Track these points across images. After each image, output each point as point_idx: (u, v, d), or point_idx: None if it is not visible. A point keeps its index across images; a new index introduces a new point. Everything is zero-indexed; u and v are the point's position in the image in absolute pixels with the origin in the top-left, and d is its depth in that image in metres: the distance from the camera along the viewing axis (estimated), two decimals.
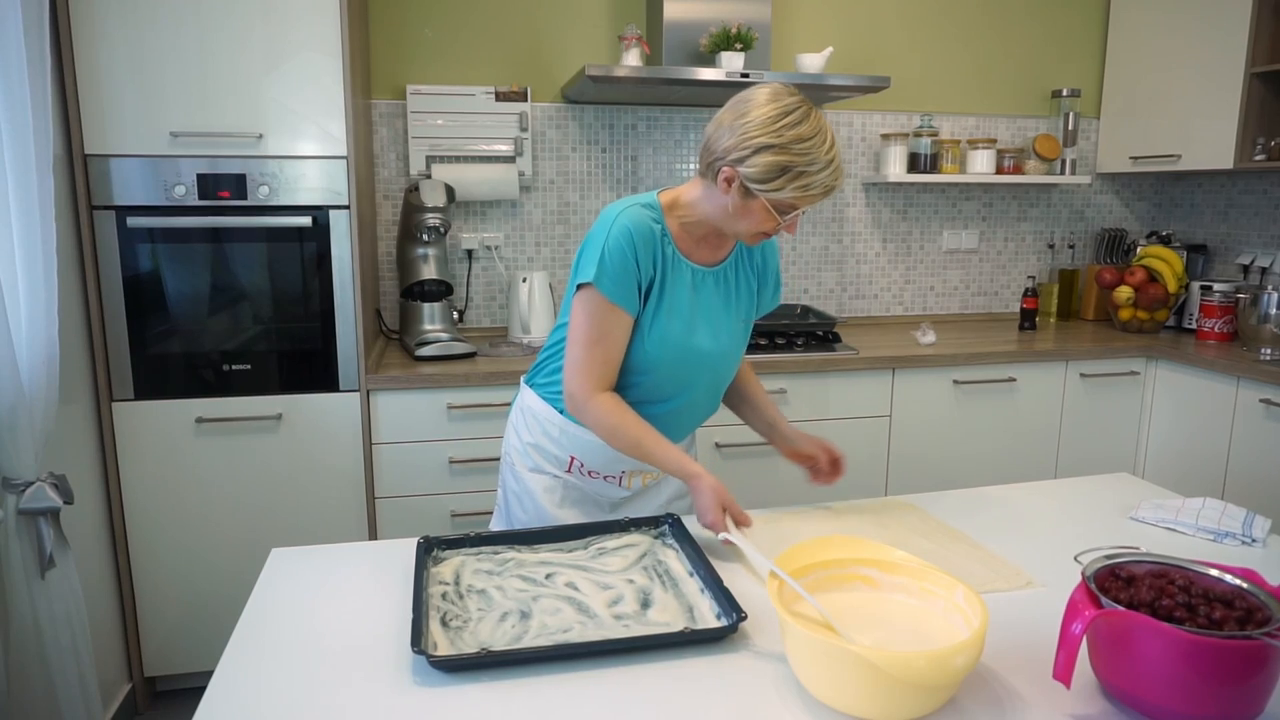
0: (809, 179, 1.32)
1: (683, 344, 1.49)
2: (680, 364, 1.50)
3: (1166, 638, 0.89)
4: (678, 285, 1.48)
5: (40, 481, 1.77)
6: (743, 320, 1.58)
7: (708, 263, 1.52)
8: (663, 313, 1.47)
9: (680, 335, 1.48)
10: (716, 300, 1.52)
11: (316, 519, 2.43)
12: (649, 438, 1.43)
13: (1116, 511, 1.58)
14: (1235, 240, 3.36)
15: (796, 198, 1.34)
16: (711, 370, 1.56)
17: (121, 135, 2.17)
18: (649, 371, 1.50)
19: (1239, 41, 2.87)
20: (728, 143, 1.35)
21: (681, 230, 1.49)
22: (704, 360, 1.52)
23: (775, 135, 1.31)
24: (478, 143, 2.90)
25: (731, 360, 1.59)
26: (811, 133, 1.32)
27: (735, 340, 1.57)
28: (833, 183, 1.35)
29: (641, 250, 1.42)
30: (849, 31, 3.20)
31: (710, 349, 1.52)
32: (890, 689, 0.91)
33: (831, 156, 1.33)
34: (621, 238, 1.41)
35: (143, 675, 2.42)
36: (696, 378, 1.54)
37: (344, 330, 2.37)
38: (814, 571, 1.11)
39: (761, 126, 1.32)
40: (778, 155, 1.31)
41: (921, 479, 2.81)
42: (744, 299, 1.57)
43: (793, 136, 1.31)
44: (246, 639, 1.13)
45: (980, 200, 3.45)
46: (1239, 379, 2.67)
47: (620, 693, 1.01)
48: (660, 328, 1.47)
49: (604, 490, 1.63)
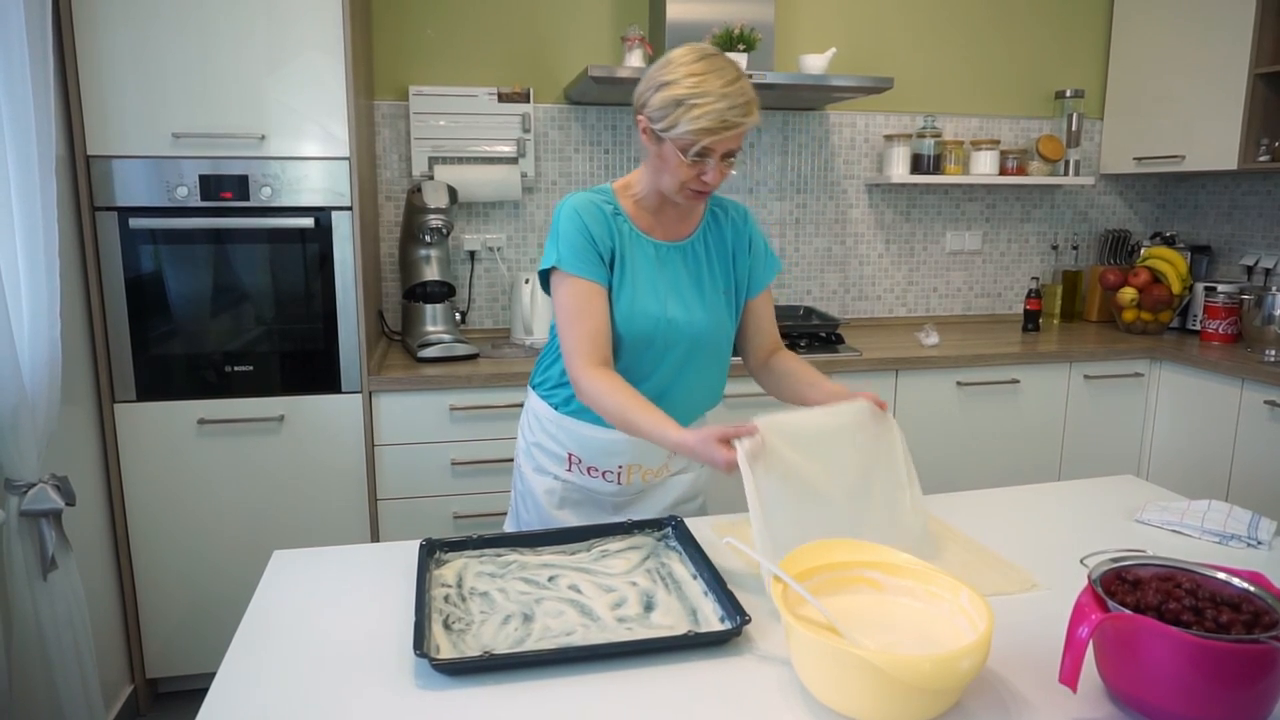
0: (701, 109, 1.34)
1: (653, 314, 1.49)
2: (654, 334, 1.50)
3: (1173, 641, 0.89)
4: (640, 260, 1.51)
5: (42, 483, 1.77)
6: (722, 291, 1.57)
7: (672, 238, 1.55)
8: (627, 286, 1.49)
9: (649, 306, 1.49)
10: (685, 273, 1.54)
11: (318, 521, 2.42)
12: (634, 403, 1.39)
13: (1121, 514, 1.58)
14: (1239, 241, 3.35)
15: (692, 130, 1.36)
16: (689, 341, 1.53)
17: (124, 136, 2.17)
18: (624, 345, 1.50)
19: (1243, 42, 2.86)
20: (639, 90, 1.44)
21: (637, 208, 1.53)
22: (677, 329, 1.51)
23: (670, 72, 1.38)
24: (480, 144, 2.90)
25: (716, 331, 1.56)
26: (706, 69, 1.36)
27: (714, 310, 1.55)
28: (729, 115, 1.35)
29: (593, 224, 1.47)
30: (852, 32, 3.19)
31: (682, 318, 1.51)
32: (895, 693, 0.90)
33: (727, 91, 1.35)
34: (571, 217, 1.47)
35: (144, 677, 2.42)
36: (673, 349, 1.52)
37: (346, 331, 2.37)
38: (818, 574, 1.11)
39: (661, 67, 1.41)
40: (671, 90, 1.37)
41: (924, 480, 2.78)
42: (720, 270, 1.57)
43: (685, 71, 1.37)
44: (248, 641, 1.13)
45: (984, 201, 3.45)
46: (1243, 380, 2.66)
47: (623, 696, 1.00)
48: (627, 301, 1.49)
49: (604, 489, 1.63)
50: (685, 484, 1.67)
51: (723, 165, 1.42)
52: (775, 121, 3.19)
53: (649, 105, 1.41)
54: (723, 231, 1.59)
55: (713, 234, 1.59)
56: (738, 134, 1.39)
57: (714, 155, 1.40)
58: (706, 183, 1.43)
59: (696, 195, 1.46)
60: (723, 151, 1.41)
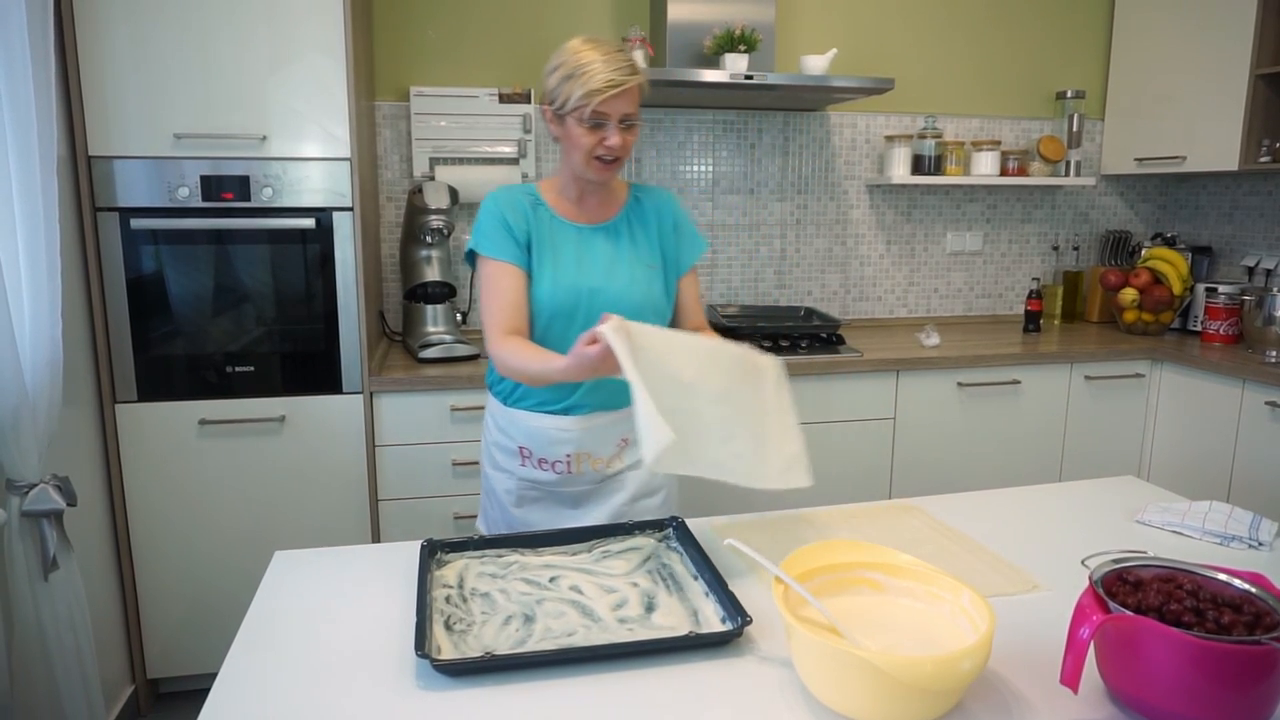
0: (586, 75, 1.48)
1: (574, 285, 1.59)
2: (576, 305, 1.58)
3: (1175, 643, 0.89)
4: (562, 242, 1.61)
5: (44, 483, 1.77)
6: (646, 265, 1.66)
7: (595, 221, 1.66)
8: (548, 265, 1.59)
9: (570, 278, 1.59)
10: (609, 250, 1.64)
11: (319, 521, 2.42)
12: (531, 353, 1.48)
13: (1122, 515, 1.58)
14: (1240, 242, 3.35)
15: (582, 95, 1.48)
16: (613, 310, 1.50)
17: (125, 137, 2.17)
18: (551, 319, 1.58)
19: (1244, 43, 2.86)
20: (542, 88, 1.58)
21: (559, 198, 1.66)
22: (598, 297, 1.59)
23: (558, 57, 1.53)
24: (481, 144, 2.90)
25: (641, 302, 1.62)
26: (587, 46, 1.51)
27: (638, 283, 1.64)
28: (614, 76, 1.47)
29: (509, 211, 1.59)
30: (853, 33, 3.19)
31: (604, 286, 1.60)
32: (897, 693, 0.90)
33: (609, 58, 1.49)
34: (488, 205, 1.61)
35: (145, 677, 2.42)
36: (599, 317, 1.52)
37: (347, 332, 2.37)
38: (819, 575, 1.11)
39: (552, 58, 1.55)
40: (560, 69, 1.52)
41: (925, 481, 2.81)
42: (644, 247, 1.67)
43: (570, 50, 1.52)
44: (250, 641, 1.13)
45: (984, 202, 3.45)
46: (1244, 381, 2.66)
47: (624, 697, 1.00)
48: (549, 277, 1.59)
49: (554, 482, 1.66)
50: (640, 479, 1.71)
51: (623, 130, 1.53)
52: (776, 122, 3.19)
53: (547, 92, 1.55)
54: (645, 213, 1.70)
55: (635, 215, 1.69)
56: (626, 94, 1.50)
57: (610, 119, 1.51)
58: (610, 147, 1.53)
59: (604, 166, 1.55)
60: (618, 115, 1.51)
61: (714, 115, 3.14)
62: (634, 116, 1.54)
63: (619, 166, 1.59)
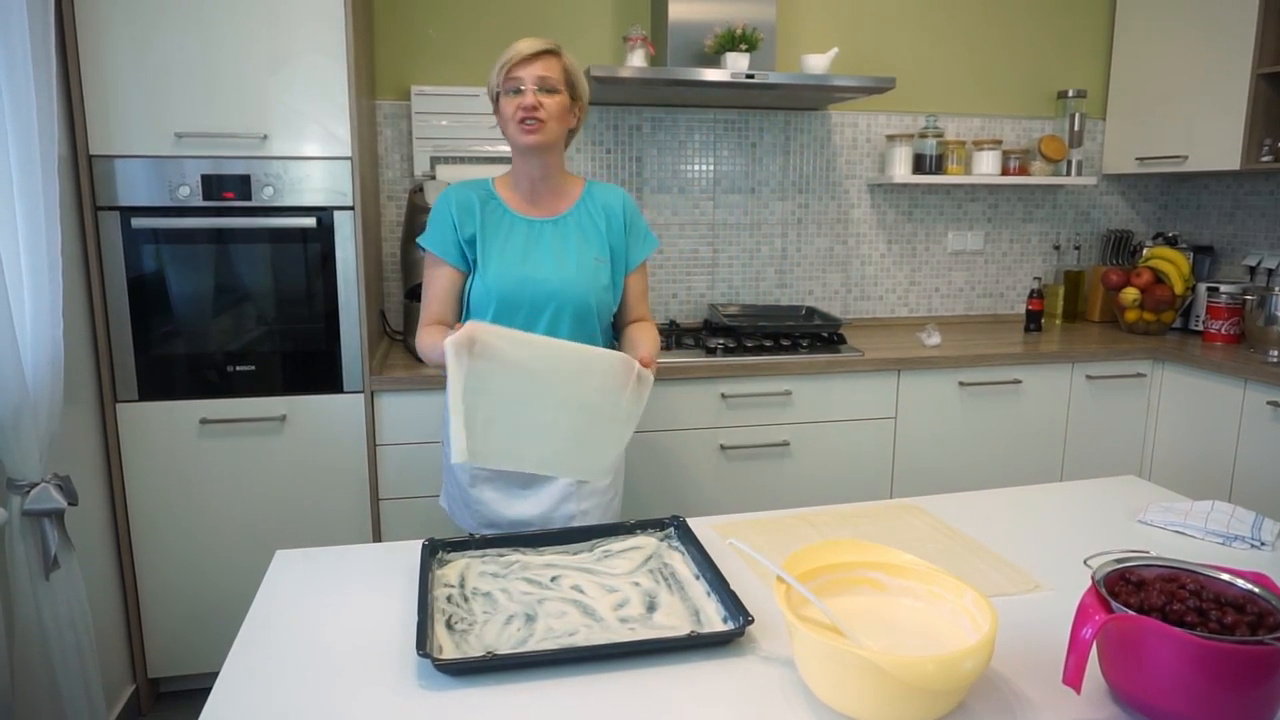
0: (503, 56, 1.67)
1: (517, 274, 1.70)
2: (520, 293, 1.70)
3: (1178, 643, 0.88)
4: (509, 234, 1.73)
5: (45, 482, 1.77)
6: (594, 257, 1.75)
7: (545, 215, 1.77)
8: (495, 255, 1.70)
9: (513, 268, 1.70)
10: (556, 242, 1.75)
11: (320, 520, 2.42)
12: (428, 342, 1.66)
13: (1124, 514, 1.57)
14: (1242, 241, 3.35)
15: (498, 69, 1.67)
16: (556, 298, 1.71)
17: (126, 136, 2.17)
18: (497, 307, 1.69)
19: (1245, 42, 2.86)
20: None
21: (511, 193, 1.78)
22: (540, 286, 1.70)
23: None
24: (482, 143, 2.90)
25: (585, 292, 1.72)
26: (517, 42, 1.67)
27: (584, 273, 1.73)
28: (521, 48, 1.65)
29: (457, 209, 1.72)
30: (854, 32, 3.19)
31: (549, 276, 1.71)
32: (899, 693, 0.90)
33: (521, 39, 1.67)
34: (441, 201, 1.74)
35: (146, 676, 2.42)
36: (543, 309, 1.71)
37: (348, 331, 2.37)
38: (821, 575, 1.10)
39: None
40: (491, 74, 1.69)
41: (926, 481, 2.81)
42: (593, 240, 1.77)
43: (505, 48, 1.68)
44: (251, 641, 1.13)
45: (986, 201, 3.44)
46: (1246, 381, 2.66)
47: (626, 697, 1.00)
48: (495, 266, 1.70)
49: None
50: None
51: (541, 94, 1.65)
52: (777, 121, 3.19)
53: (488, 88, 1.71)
54: (595, 208, 1.79)
55: (586, 210, 1.79)
56: (537, 59, 1.65)
57: (525, 83, 1.65)
58: (526, 107, 1.64)
59: (528, 130, 1.66)
60: (532, 79, 1.64)
61: (715, 114, 3.14)
62: (551, 81, 1.66)
63: (544, 132, 1.67)
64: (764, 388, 2.63)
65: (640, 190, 3.11)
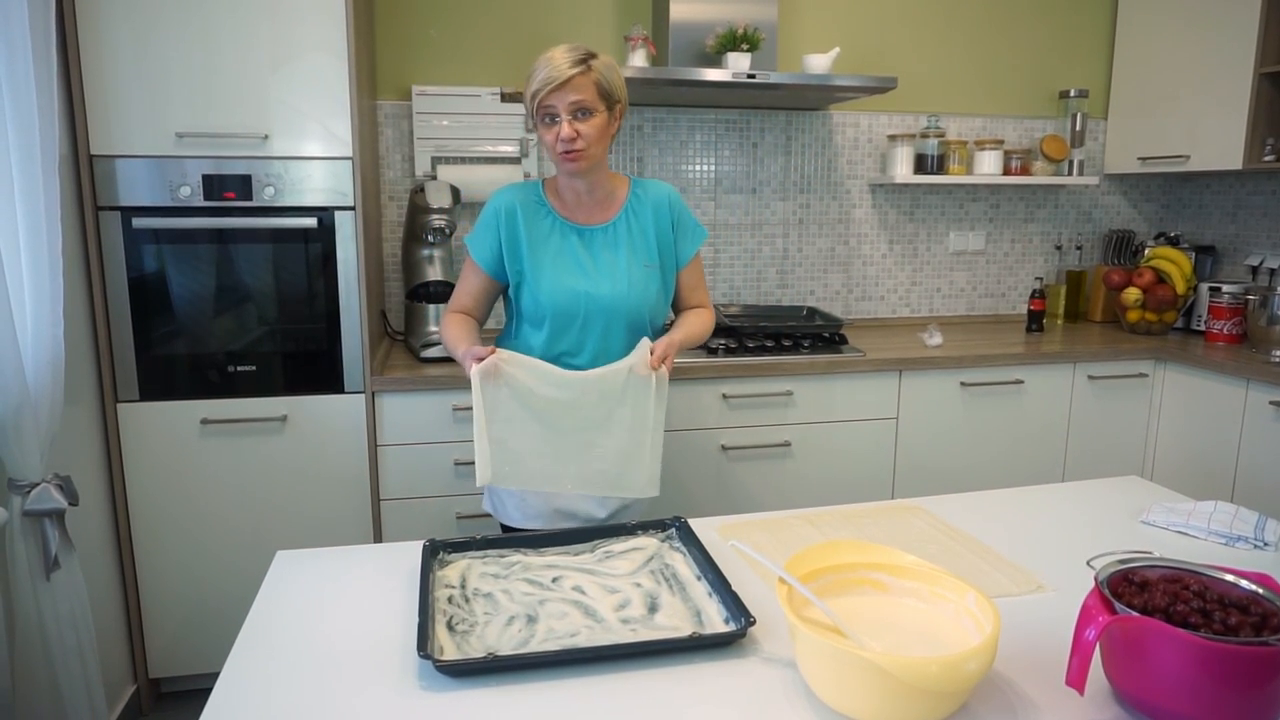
0: (532, 77, 1.60)
1: (574, 288, 1.70)
2: (575, 306, 1.70)
3: (1182, 644, 0.88)
4: (562, 244, 1.72)
5: (45, 483, 1.77)
6: (644, 265, 1.75)
7: (595, 222, 1.75)
8: (548, 266, 1.70)
9: (570, 281, 1.70)
10: (608, 252, 1.74)
11: (321, 521, 2.42)
12: (451, 329, 1.72)
13: (1127, 515, 1.57)
14: (1244, 241, 3.34)
15: (530, 95, 1.60)
16: (609, 311, 1.72)
17: (127, 136, 2.17)
18: (552, 318, 1.70)
19: (1248, 41, 2.86)
20: None
21: (559, 200, 1.76)
22: (596, 301, 1.71)
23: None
24: (483, 143, 2.90)
25: (639, 302, 1.74)
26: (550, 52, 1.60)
27: (635, 284, 1.73)
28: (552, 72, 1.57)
29: (507, 216, 1.72)
30: (856, 32, 3.19)
31: (602, 291, 1.71)
32: (902, 695, 0.90)
33: (554, 57, 1.58)
34: (492, 204, 1.75)
35: (147, 677, 2.42)
36: (596, 319, 1.72)
37: (349, 332, 2.36)
38: (823, 576, 1.10)
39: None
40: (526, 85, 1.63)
41: (928, 481, 2.80)
42: (641, 247, 1.76)
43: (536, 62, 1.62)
44: (251, 642, 1.13)
45: (987, 201, 3.44)
46: (1248, 381, 2.66)
47: (627, 698, 1.00)
48: (549, 278, 1.70)
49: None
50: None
51: (576, 120, 1.59)
52: (778, 121, 3.19)
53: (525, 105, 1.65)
54: (643, 210, 1.77)
55: (634, 215, 1.77)
56: (569, 85, 1.57)
57: (559, 112, 1.59)
58: (563, 139, 1.60)
59: (570, 158, 1.62)
60: (566, 107, 1.58)
61: (716, 114, 3.13)
62: (585, 104, 1.59)
63: (586, 158, 1.64)
64: (765, 388, 2.62)
65: None
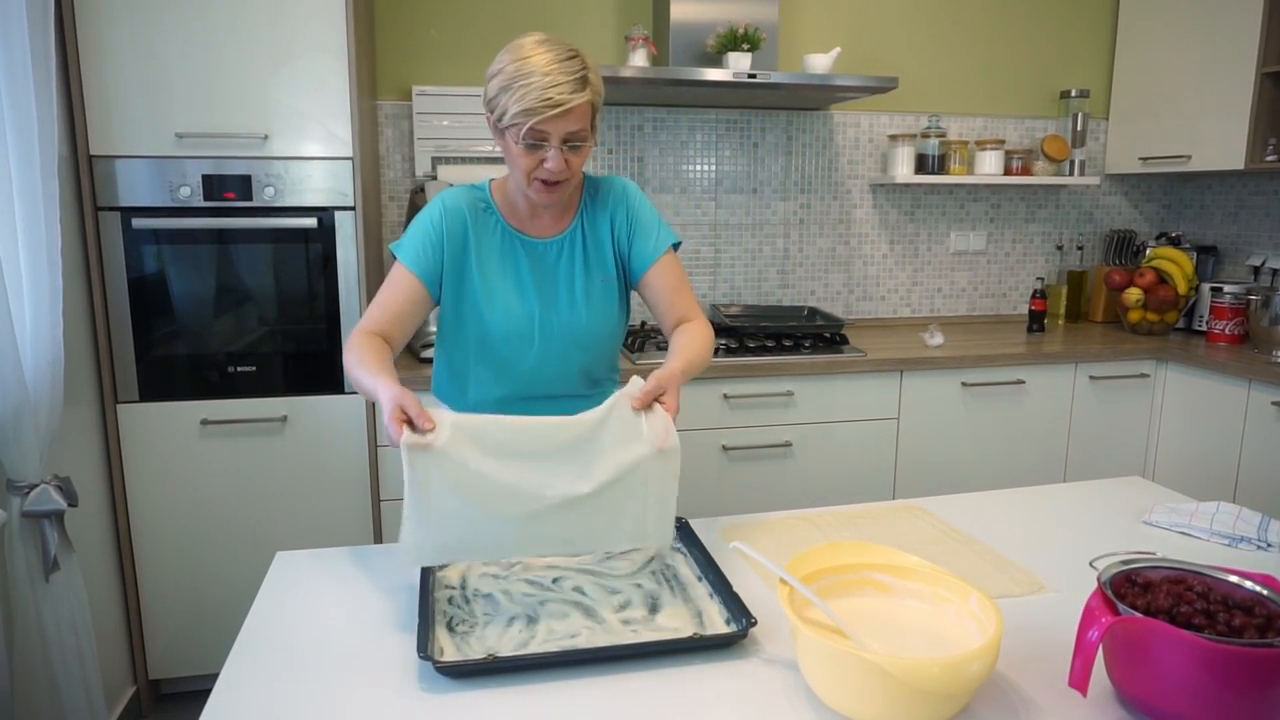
0: (523, 89, 1.30)
1: (526, 313, 1.49)
2: (529, 332, 1.49)
3: (1186, 645, 0.88)
4: (511, 259, 1.49)
5: (45, 484, 1.76)
6: (601, 281, 1.53)
7: (547, 234, 1.52)
8: (497, 285, 1.48)
9: (521, 305, 1.48)
10: (561, 269, 1.51)
11: (322, 521, 2.42)
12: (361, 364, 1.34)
13: (1129, 515, 1.57)
14: (1246, 241, 3.34)
15: (516, 113, 1.31)
16: (567, 337, 1.51)
17: (127, 136, 2.17)
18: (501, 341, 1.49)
19: (1250, 41, 2.85)
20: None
21: (509, 207, 1.51)
22: (551, 327, 1.49)
23: (500, 60, 1.35)
24: (484, 144, 2.89)
25: (597, 323, 1.53)
26: (533, 51, 1.33)
27: (593, 303, 1.52)
28: (552, 93, 1.29)
29: (448, 222, 1.46)
30: (857, 32, 3.18)
31: (557, 317, 1.50)
32: (904, 696, 0.89)
33: (551, 69, 1.30)
34: (431, 212, 1.48)
35: (147, 678, 2.42)
36: (552, 344, 1.51)
37: (349, 332, 2.36)
38: (824, 577, 1.10)
39: (495, 61, 1.37)
40: (499, 76, 1.34)
41: (929, 482, 2.80)
42: (596, 260, 1.53)
43: (510, 58, 1.34)
44: (251, 643, 1.12)
45: (988, 201, 3.44)
46: (1250, 381, 2.65)
47: (628, 699, 0.99)
48: (500, 300, 1.48)
49: None
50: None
51: (566, 152, 1.35)
52: (779, 121, 3.18)
53: (486, 97, 1.38)
54: (598, 218, 1.54)
55: (588, 223, 1.53)
56: (567, 114, 1.31)
57: (550, 140, 1.34)
58: (550, 171, 1.35)
59: (547, 188, 1.39)
60: (559, 136, 1.33)
61: (717, 114, 3.13)
62: (580, 135, 1.36)
63: (565, 189, 1.43)
64: (766, 388, 2.62)
65: (642, 190, 3.10)
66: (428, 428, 1.19)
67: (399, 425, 1.19)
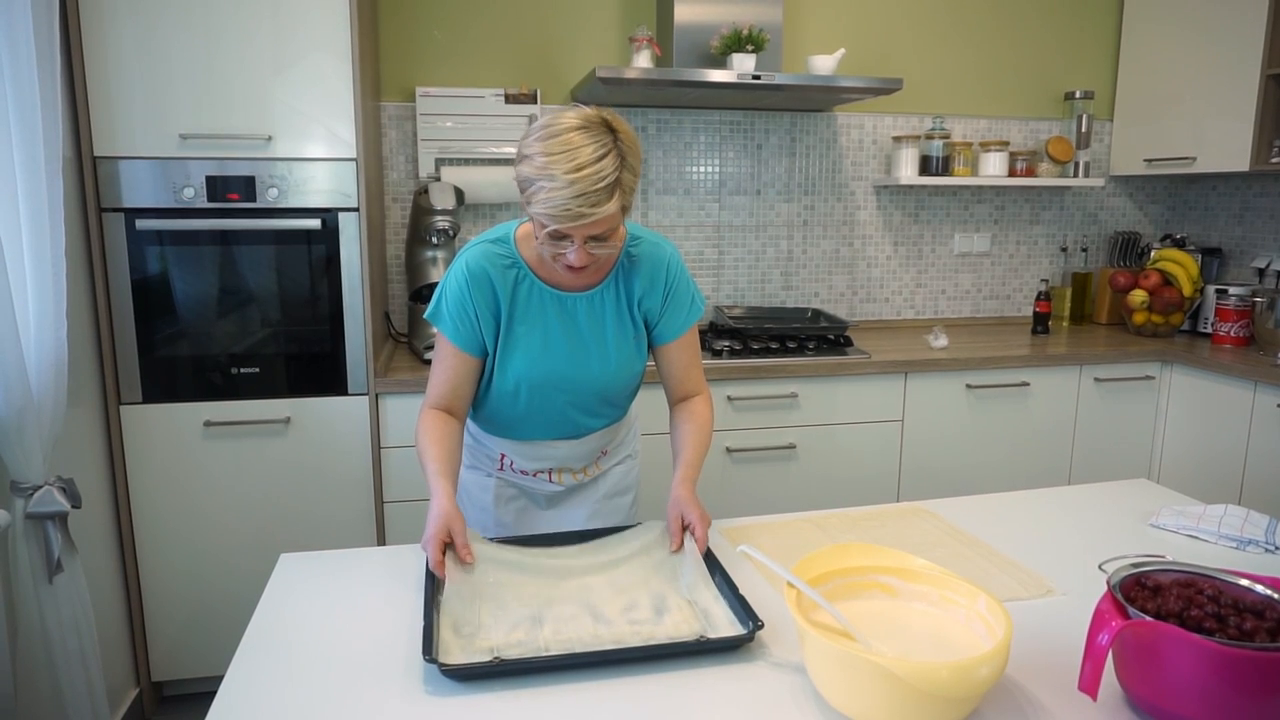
0: (547, 193, 1.24)
1: (555, 368, 1.48)
2: (560, 383, 1.49)
3: (1196, 649, 0.87)
4: (540, 313, 1.46)
5: (48, 485, 1.76)
6: (633, 338, 1.52)
7: (578, 287, 1.47)
8: (521, 340, 1.46)
9: (552, 360, 1.47)
10: (591, 323, 1.48)
11: (325, 523, 2.41)
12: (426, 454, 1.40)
13: (1136, 518, 1.56)
14: (1250, 243, 3.33)
15: (542, 215, 1.26)
16: (596, 390, 1.53)
17: (130, 137, 2.17)
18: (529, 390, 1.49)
19: (1255, 43, 2.84)
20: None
21: (536, 259, 1.45)
22: (580, 381, 1.50)
23: (528, 145, 1.28)
24: (487, 145, 2.89)
25: (625, 376, 1.55)
26: (559, 149, 1.24)
27: (623, 357, 1.52)
28: (574, 205, 1.23)
29: (477, 291, 1.43)
30: (861, 33, 3.18)
31: (588, 372, 1.50)
32: (912, 700, 0.89)
33: (576, 178, 1.22)
34: (458, 281, 1.44)
35: (150, 680, 2.41)
36: (581, 394, 1.52)
37: (353, 333, 2.36)
38: (831, 580, 1.09)
39: (527, 135, 1.30)
40: (525, 165, 1.28)
41: (934, 484, 2.79)
42: (628, 317, 1.51)
43: (540, 149, 1.25)
44: (255, 645, 1.12)
45: (992, 203, 3.43)
46: (1255, 383, 2.64)
47: (634, 702, 0.99)
48: (523, 354, 1.47)
49: (536, 486, 1.65)
50: (617, 476, 1.70)
51: (591, 246, 1.31)
52: (783, 123, 3.18)
53: (516, 164, 1.32)
54: (634, 281, 1.49)
55: (623, 282, 1.49)
56: (590, 225, 1.26)
57: (573, 239, 1.29)
58: (570, 261, 1.32)
59: (571, 271, 1.36)
60: (584, 237, 1.29)
61: (720, 116, 3.13)
62: (606, 234, 1.31)
63: (590, 274, 1.41)
64: (770, 390, 2.61)
65: (645, 192, 3.10)
66: (467, 561, 1.26)
67: (440, 548, 1.25)
